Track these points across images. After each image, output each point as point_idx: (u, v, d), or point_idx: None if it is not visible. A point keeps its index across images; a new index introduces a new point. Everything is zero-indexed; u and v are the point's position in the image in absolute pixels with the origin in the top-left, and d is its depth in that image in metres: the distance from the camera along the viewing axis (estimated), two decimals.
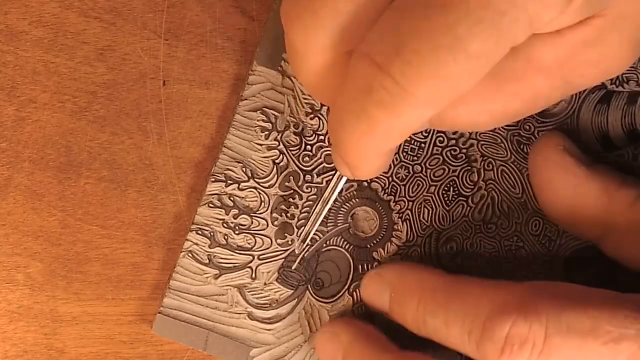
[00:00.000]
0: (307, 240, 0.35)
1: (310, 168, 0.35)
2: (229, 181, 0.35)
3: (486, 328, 0.29)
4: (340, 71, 0.28)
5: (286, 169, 0.35)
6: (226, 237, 0.35)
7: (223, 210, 0.35)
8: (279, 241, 0.35)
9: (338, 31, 0.27)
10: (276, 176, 0.35)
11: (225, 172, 0.35)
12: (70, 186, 0.36)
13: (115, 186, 0.36)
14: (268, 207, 0.35)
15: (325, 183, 0.35)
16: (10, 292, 0.36)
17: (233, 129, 0.35)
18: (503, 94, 0.29)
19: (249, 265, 0.35)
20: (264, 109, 0.35)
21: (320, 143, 0.35)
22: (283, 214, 0.35)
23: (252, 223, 0.35)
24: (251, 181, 0.35)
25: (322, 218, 0.34)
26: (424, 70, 0.25)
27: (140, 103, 0.36)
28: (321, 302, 0.36)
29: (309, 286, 0.35)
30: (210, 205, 0.35)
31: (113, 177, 0.36)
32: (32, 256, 0.36)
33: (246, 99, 0.35)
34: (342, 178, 0.33)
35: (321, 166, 0.35)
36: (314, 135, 0.35)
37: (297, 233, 0.35)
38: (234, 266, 0.35)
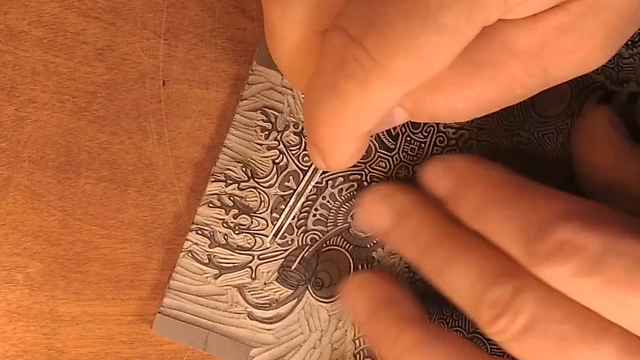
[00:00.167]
0: (279, 235, 0.35)
1: (310, 168, 0.35)
2: (229, 181, 0.35)
3: (545, 229, 0.29)
4: (315, 52, 0.27)
5: (286, 169, 0.35)
6: (226, 237, 0.35)
7: (223, 210, 0.35)
8: (279, 241, 0.35)
9: (315, 6, 0.27)
10: (276, 176, 0.35)
11: (225, 172, 0.35)
12: (69, 186, 0.36)
13: (115, 186, 0.36)
14: (268, 207, 0.35)
15: (325, 183, 0.35)
16: (10, 292, 0.36)
17: (233, 129, 0.35)
18: (479, 79, 0.29)
19: (249, 265, 0.35)
20: (264, 109, 0.35)
21: None
22: (283, 214, 0.35)
23: (252, 223, 0.35)
24: (251, 181, 0.35)
25: (295, 213, 0.34)
26: (397, 41, 0.25)
27: (140, 103, 0.36)
28: (321, 302, 0.36)
29: (309, 286, 0.36)
30: (210, 205, 0.35)
31: (113, 177, 0.36)
32: (32, 256, 0.36)
33: (246, 99, 0.35)
34: (317, 172, 0.33)
35: None
36: None
37: (297, 233, 0.35)
38: (234, 266, 0.35)
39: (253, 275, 0.35)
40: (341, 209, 0.35)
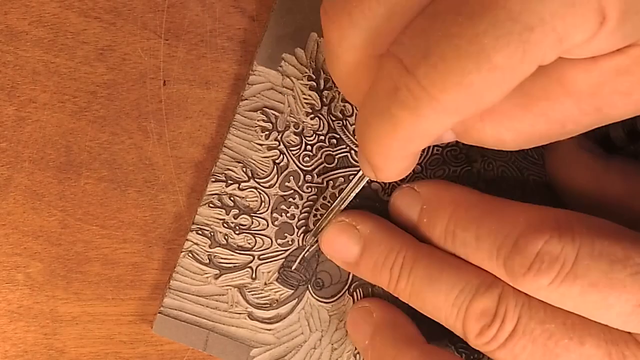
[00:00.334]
0: (319, 234, 0.35)
1: (310, 168, 0.35)
2: (229, 181, 0.35)
3: (518, 243, 0.29)
4: (370, 73, 0.28)
5: (286, 169, 0.35)
6: (226, 237, 0.35)
7: (223, 210, 0.35)
8: (279, 241, 0.35)
9: (371, 33, 0.27)
10: (276, 176, 0.35)
11: (225, 172, 0.35)
12: (70, 186, 0.36)
13: (115, 186, 0.36)
14: (268, 207, 0.35)
15: (325, 183, 0.35)
16: (10, 292, 0.36)
17: (233, 129, 0.35)
18: (531, 113, 0.28)
19: (249, 265, 0.35)
20: (264, 109, 0.35)
21: (320, 143, 0.35)
22: (283, 214, 0.35)
23: (253, 223, 0.35)
24: (251, 181, 0.35)
25: (335, 214, 0.35)
26: (448, 76, 0.25)
27: (140, 103, 0.36)
28: (321, 302, 0.36)
29: (309, 286, 0.36)
30: (210, 205, 0.35)
31: (113, 177, 0.36)
32: (32, 256, 0.36)
33: (246, 99, 0.35)
34: (364, 178, 0.34)
35: (321, 166, 0.35)
36: (314, 135, 0.35)
37: (298, 234, 0.35)
38: (234, 266, 0.35)
39: (253, 275, 0.35)
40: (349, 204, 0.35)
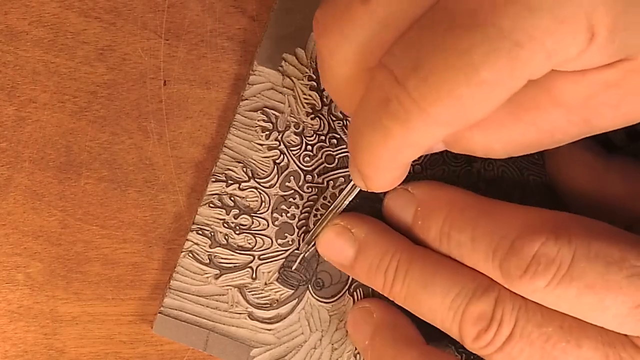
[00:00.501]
0: (312, 243, 0.35)
1: (310, 168, 0.35)
2: (230, 181, 0.35)
3: (514, 245, 0.29)
4: (362, 85, 0.28)
5: (287, 169, 0.35)
6: (227, 237, 0.35)
7: (224, 210, 0.35)
8: (280, 241, 0.35)
9: (362, 46, 0.27)
10: (277, 176, 0.35)
11: (225, 172, 0.35)
12: (70, 186, 0.36)
13: (115, 186, 0.36)
14: (269, 207, 0.35)
15: (325, 183, 0.35)
16: (10, 292, 0.36)
17: (234, 129, 0.35)
18: (520, 122, 0.29)
19: (250, 265, 0.35)
20: (265, 109, 0.35)
21: (321, 143, 0.35)
22: (283, 214, 0.35)
23: (253, 223, 0.35)
24: (252, 181, 0.35)
25: (328, 223, 0.35)
26: (438, 89, 0.25)
27: (140, 103, 0.36)
28: (321, 302, 0.36)
29: (310, 286, 0.36)
30: (210, 205, 0.35)
31: (113, 177, 0.36)
32: (32, 256, 0.36)
33: (247, 99, 0.35)
34: (356, 188, 0.34)
35: (322, 166, 0.35)
36: (315, 135, 0.35)
37: (298, 234, 0.35)
38: (235, 266, 0.35)
39: (254, 275, 0.35)
40: (348, 205, 0.35)
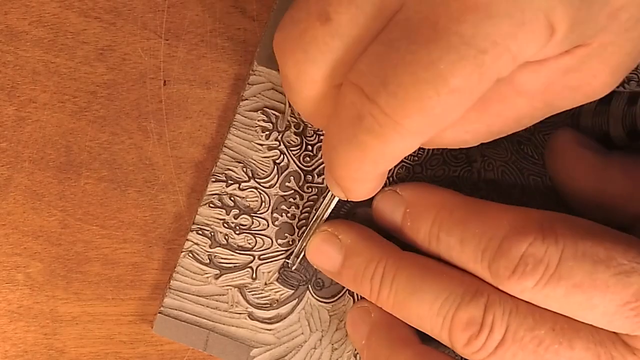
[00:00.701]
0: (301, 255, 0.35)
1: (311, 168, 0.35)
2: (230, 181, 0.35)
3: (502, 246, 0.30)
4: (331, 101, 0.28)
5: (287, 169, 0.35)
6: (227, 237, 0.35)
7: (224, 210, 0.35)
8: (280, 241, 0.35)
9: (327, 66, 0.27)
10: (277, 176, 0.35)
11: (225, 172, 0.35)
12: (70, 186, 0.36)
13: (115, 186, 0.36)
14: (269, 207, 0.35)
15: (325, 183, 0.35)
16: (10, 292, 0.36)
17: (234, 129, 0.35)
18: (486, 114, 0.29)
19: (250, 265, 0.35)
20: (265, 109, 0.35)
21: (320, 143, 0.35)
22: (284, 214, 0.35)
23: (253, 223, 0.35)
24: (252, 181, 0.35)
25: (311, 236, 0.35)
26: (408, 102, 0.25)
27: (140, 103, 0.36)
28: (321, 302, 0.36)
29: (310, 286, 0.36)
30: (210, 205, 0.35)
31: (113, 177, 0.36)
32: (32, 256, 0.36)
33: (247, 99, 0.35)
34: (335, 198, 0.34)
35: (322, 166, 0.35)
36: (315, 135, 0.35)
37: (298, 234, 0.35)
38: (235, 266, 0.35)
39: (254, 275, 0.35)
40: (342, 209, 0.35)
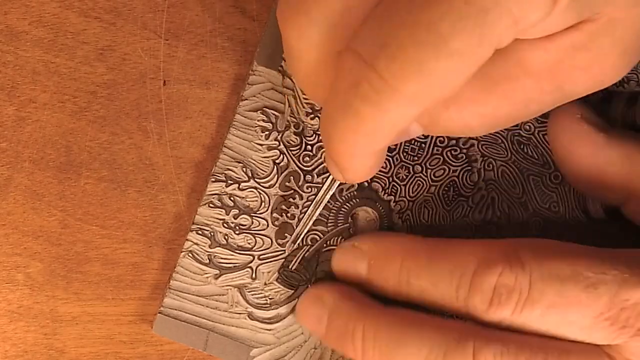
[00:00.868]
0: (298, 241, 0.35)
1: (310, 168, 0.35)
2: (230, 181, 0.35)
3: (474, 281, 0.30)
4: (331, 71, 0.28)
5: (286, 169, 0.35)
6: (226, 237, 0.35)
7: (223, 210, 0.35)
8: (280, 241, 0.35)
9: (329, 29, 0.27)
10: (276, 176, 0.35)
11: (225, 172, 0.35)
12: (70, 186, 0.36)
13: (115, 186, 0.36)
14: (268, 207, 0.35)
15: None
16: (10, 292, 0.36)
17: (233, 129, 0.35)
18: (493, 95, 0.29)
19: (249, 265, 0.35)
20: (265, 109, 0.35)
21: (320, 143, 0.35)
22: (283, 214, 0.35)
23: (253, 223, 0.35)
24: (251, 181, 0.35)
25: (314, 220, 0.35)
26: (408, 65, 0.25)
27: (140, 103, 0.36)
28: None
29: (309, 286, 0.35)
30: (210, 205, 0.35)
31: (113, 177, 0.36)
32: (32, 256, 0.36)
33: (246, 99, 0.35)
34: (335, 182, 0.34)
35: (321, 166, 0.35)
36: (315, 135, 0.35)
37: (297, 226, 0.35)
38: (234, 266, 0.35)
39: (253, 275, 0.35)
40: (342, 209, 0.35)
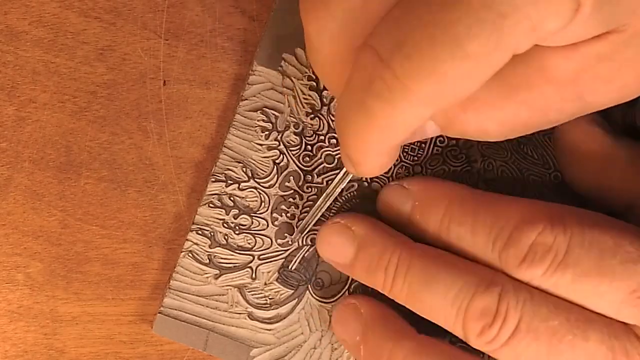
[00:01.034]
0: (305, 231, 0.35)
1: (310, 168, 0.35)
2: (229, 181, 0.35)
3: (513, 235, 0.30)
4: (349, 66, 0.28)
5: (286, 169, 0.35)
6: (226, 237, 0.35)
7: (223, 210, 0.35)
8: (279, 241, 0.35)
9: (348, 24, 0.27)
10: (276, 176, 0.35)
11: (225, 172, 0.35)
12: (70, 186, 0.36)
13: (115, 186, 0.36)
14: (268, 207, 0.35)
15: (325, 183, 0.35)
16: (10, 292, 0.36)
17: (233, 129, 0.35)
18: (512, 102, 0.28)
19: (249, 265, 0.35)
20: (264, 109, 0.35)
21: (320, 143, 0.35)
22: (283, 214, 0.35)
23: (253, 223, 0.35)
24: (251, 181, 0.35)
25: (323, 212, 0.34)
26: (422, 65, 0.25)
27: (140, 103, 0.36)
28: (321, 302, 0.36)
29: (309, 286, 0.36)
30: (210, 205, 0.35)
31: (113, 177, 0.36)
32: (32, 256, 0.36)
33: (246, 99, 0.35)
34: (348, 175, 0.34)
35: (321, 166, 0.35)
36: (314, 135, 0.35)
37: (297, 228, 0.35)
38: (234, 266, 0.35)
39: (253, 275, 0.35)
40: (342, 209, 0.35)
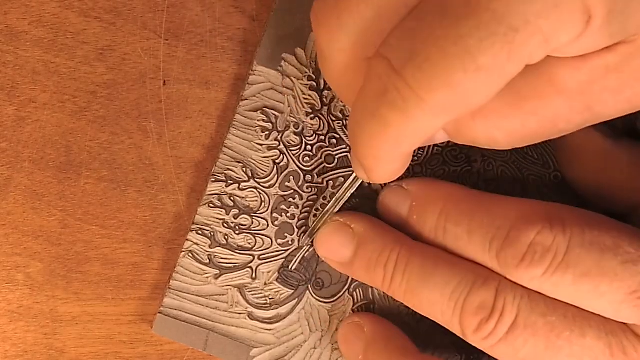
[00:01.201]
0: (314, 235, 0.35)
1: (310, 168, 0.35)
2: (230, 181, 0.35)
3: (510, 235, 0.30)
4: (361, 75, 0.28)
5: (286, 169, 0.35)
6: (226, 237, 0.35)
7: (223, 210, 0.35)
8: (280, 241, 0.35)
9: (359, 35, 0.27)
10: (276, 176, 0.35)
11: (225, 172, 0.35)
12: (70, 186, 0.36)
13: (115, 186, 0.36)
14: (268, 207, 0.35)
15: (325, 183, 0.35)
16: (10, 292, 0.36)
17: (233, 129, 0.35)
18: (521, 111, 0.28)
19: (249, 265, 0.35)
20: (265, 109, 0.35)
21: (320, 143, 0.35)
22: (283, 214, 0.35)
23: (253, 223, 0.35)
24: (251, 181, 0.35)
25: (330, 214, 0.35)
26: (435, 77, 0.25)
27: (140, 103, 0.36)
28: (321, 302, 0.36)
29: (309, 286, 0.36)
30: (210, 205, 0.35)
31: (113, 177, 0.36)
32: (32, 256, 0.36)
33: (246, 99, 0.35)
34: (358, 180, 0.34)
35: (321, 166, 0.35)
36: (315, 135, 0.35)
37: (298, 234, 0.35)
38: (234, 266, 0.35)
39: (253, 275, 0.35)
40: (342, 209, 0.35)
